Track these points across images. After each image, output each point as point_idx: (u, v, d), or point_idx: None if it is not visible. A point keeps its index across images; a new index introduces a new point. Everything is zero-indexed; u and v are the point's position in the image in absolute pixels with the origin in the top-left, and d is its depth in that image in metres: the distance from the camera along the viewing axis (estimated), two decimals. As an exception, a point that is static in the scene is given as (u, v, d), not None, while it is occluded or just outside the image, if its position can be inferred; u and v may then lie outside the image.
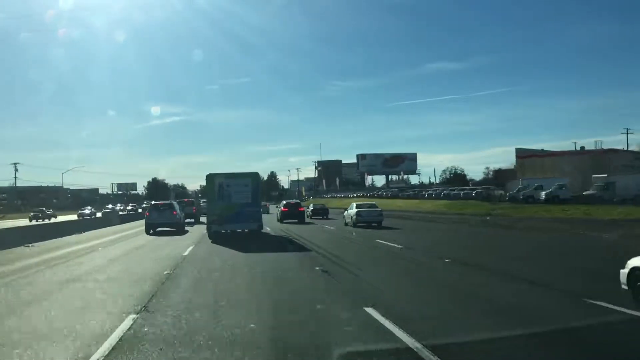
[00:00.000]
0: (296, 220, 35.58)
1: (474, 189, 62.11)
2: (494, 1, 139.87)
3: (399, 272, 12.40)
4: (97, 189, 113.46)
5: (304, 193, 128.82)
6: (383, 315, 7.12)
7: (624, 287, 8.15)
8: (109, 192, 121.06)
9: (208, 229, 23.83)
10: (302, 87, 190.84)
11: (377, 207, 31.19)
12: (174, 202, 30.65)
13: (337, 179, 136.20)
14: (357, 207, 30.57)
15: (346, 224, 31.26)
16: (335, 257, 14.84)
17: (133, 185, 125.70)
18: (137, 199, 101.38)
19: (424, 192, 73.62)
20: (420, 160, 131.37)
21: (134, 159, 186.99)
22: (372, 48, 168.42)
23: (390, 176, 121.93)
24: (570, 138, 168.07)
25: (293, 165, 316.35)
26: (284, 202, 41.97)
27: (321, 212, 44.50)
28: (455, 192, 63.33)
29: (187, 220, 38.16)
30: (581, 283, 10.20)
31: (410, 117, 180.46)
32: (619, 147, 71.73)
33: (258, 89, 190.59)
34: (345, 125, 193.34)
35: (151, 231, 27.20)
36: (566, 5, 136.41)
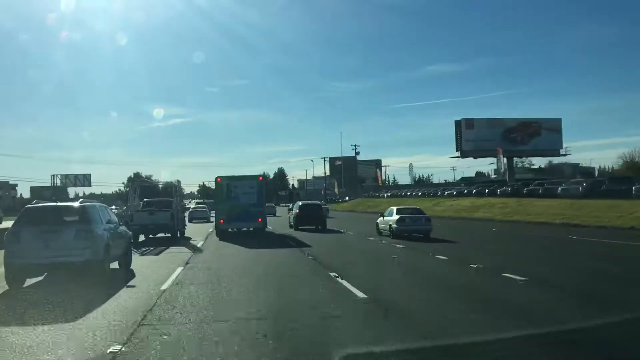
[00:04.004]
0: (314, 227, 28.40)
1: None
2: (495, 3, 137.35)
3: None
4: (65, 187, 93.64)
5: (337, 190, 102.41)
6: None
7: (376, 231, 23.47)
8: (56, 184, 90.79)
9: (216, 227, 24.95)
10: (303, 88, 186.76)
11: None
12: (98, 207, 11.84)
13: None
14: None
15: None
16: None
17: (86, 178, 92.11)
18: (111, 199, 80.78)
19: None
20: (420, 161, 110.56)
21: (135, 160, 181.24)
22: (372, 50, 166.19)
23: (515, 159, 75.86)
24: (570, 140, 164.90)
25: (293, 166, 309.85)
26: (299, 203, 32.72)
27: None
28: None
29: (160, 234, 22.81)
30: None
31: (410, 119, 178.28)
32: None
33: (259, 91, 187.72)
34: (345, 127, 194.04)
35: (22, 280, 10.16)
36: (567, 7, 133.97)
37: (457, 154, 71.66)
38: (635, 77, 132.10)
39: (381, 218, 24.01)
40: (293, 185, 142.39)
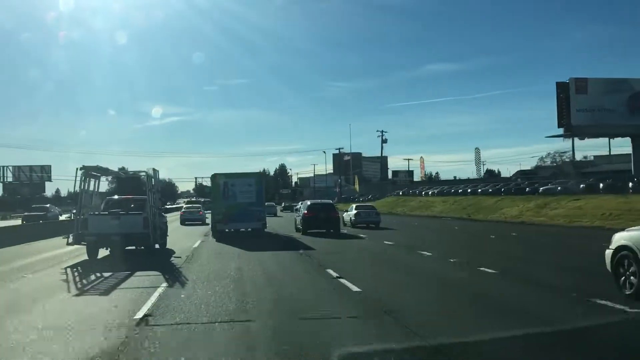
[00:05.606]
0: (325, 231, 24.20)
1: None
2: (493, 2, 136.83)
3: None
4: (43, 183, 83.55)
5: (357, 187, 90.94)
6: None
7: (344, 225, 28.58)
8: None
9: (213, 228, 24.02)
10: (301, 87, 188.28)
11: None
12: None
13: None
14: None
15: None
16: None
17: (45, 170, 70.29)
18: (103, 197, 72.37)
19: None
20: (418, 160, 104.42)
21: (134, 158, 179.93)
22: (371, 49, 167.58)
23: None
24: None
25: (292, 165, 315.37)
26: (308, 202, 27.94)
27: None
28: None
29: (130, 246, 16.30)
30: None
31: (409, 118, 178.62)
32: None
33: (258, 90, 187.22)
34: (344, 126, 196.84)
35: None
36: (565, 6, 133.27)
37: (560, 131, 47.69)
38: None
39: (345, 213, 31.55)
40: (296, 182, 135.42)
